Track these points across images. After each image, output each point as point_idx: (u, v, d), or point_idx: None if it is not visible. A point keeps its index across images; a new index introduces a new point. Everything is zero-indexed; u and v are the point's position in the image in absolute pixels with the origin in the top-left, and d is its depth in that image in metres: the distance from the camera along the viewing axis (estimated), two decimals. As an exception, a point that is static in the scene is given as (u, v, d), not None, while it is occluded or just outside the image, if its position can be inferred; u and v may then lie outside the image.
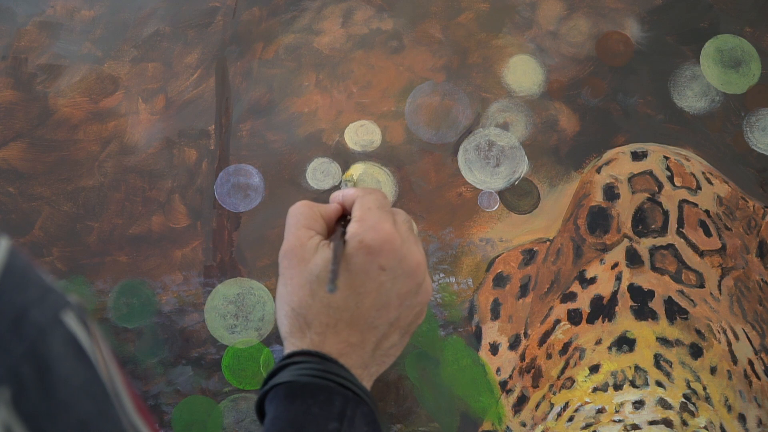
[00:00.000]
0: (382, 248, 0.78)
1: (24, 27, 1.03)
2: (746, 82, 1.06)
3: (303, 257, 0.80)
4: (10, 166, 1.00)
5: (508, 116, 1.04)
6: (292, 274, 0.80)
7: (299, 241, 0.81)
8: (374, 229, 0.79)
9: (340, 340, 0.78)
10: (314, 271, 0.79)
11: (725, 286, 1.01)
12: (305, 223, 0.82)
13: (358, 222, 0.80)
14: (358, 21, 1.05)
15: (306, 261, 0.80)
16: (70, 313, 0.58)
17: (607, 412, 0.97)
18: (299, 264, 0.80)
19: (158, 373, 0.97)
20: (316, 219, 0.83)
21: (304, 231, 0.82)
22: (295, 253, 0.80)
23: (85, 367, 0.58)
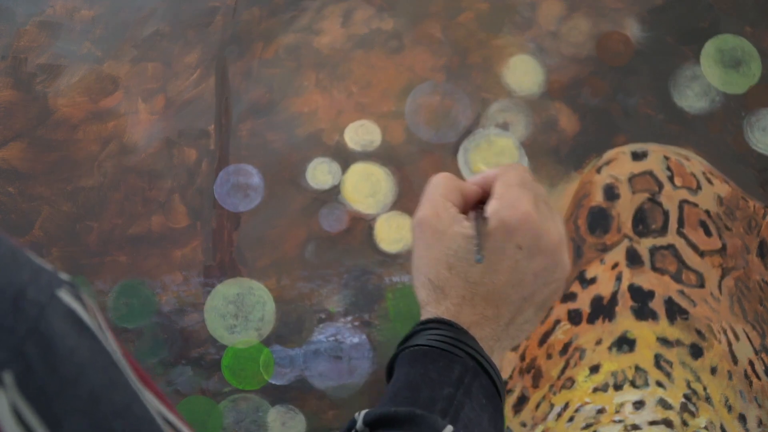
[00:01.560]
0: (520, 227, 0.80)
1: (24, 27, 1.03)
2: (746, 82, 1.06)
3: (438, 228, 0.82)
4: (10, 166, 1.00)
5: (508, 116, 1.04)
6: (427, 245, 0.82)
7: (435, 210, 0.82)
8: (513, 207, 0.81)
9: (475, 312, 0.79)
10: (452, 245, 0.80)
11: (725, 286, 1.01)
12: (443, 192, 0.83)
13: (498, 199, 0.82)
14: (358, 21, 1.05)
15: (441, 232, 0.81)
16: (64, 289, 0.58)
17: (607, 412, 0.97)
18: (434, 234, 0.81)
19: (158, 373, 0.97)
20: (454, 191, 0.84)
21: (441, 201, 0.83)
22: (430, 223, 0.82)
23: (89, 339, 0.58)
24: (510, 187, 0.82)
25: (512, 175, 0.83)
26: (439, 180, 0.85)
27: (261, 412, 0.97)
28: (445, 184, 0.84)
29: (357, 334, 0.98)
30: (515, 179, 0.83)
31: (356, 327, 0.99)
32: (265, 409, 0.97)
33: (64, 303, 0.57)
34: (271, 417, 0.97)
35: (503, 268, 0.80)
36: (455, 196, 0.84)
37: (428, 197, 0.84)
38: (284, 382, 0.97)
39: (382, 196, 1.01)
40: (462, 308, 0.79)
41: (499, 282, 0.80)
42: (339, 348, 0.98)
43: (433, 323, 0.79)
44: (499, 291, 0.80)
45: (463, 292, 0.79)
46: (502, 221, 0.80)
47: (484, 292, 0.79)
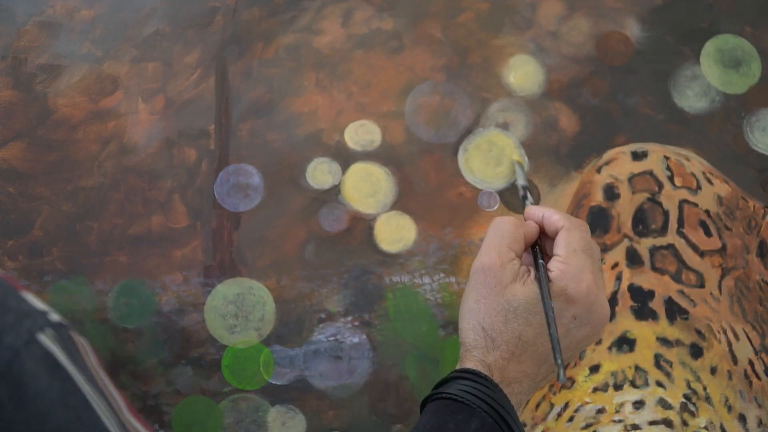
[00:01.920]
0: (580, 300, 0.83)
1: (24, 27, 1.03)
2: (746, 82, 1.06)
3: (500, 280, 0.83)
4: (10, 166, 1.00)
5: (508, 116, 1.04)
6: (487, 293, 0.83)
7: (500, 261, 0.84)
8: (577, 279, 0.83)
9: (520, 369, 0.82)
10: (513, 302, 0.82)
11: (725, 286, 1.01)
12: (508, 242, 0.85)
13: (562, 263, 0.83)
14: (358, 21, 1.05)
15: (503, 285, 0.83)
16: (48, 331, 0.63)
17: (607, 412, 0.97)
18: (496, 286, 0.83)
19: (158, 373, 0.97)
20: (519, 241, 0.85)
21: (506, 251, 0.84)
22: (493, 272, 0.83)
23: (61, 381, 0.63)
24: (575, 252, 0.84)
25: (577, 237, 0.85)
26: (505, 227, 0.86)
27: (261, 412, 0.97)
28: (510, 232, 0.85)
29: (357, 334, 0.98)
30: (580, 244, 0.85)
31: (356, 327, 0.99)
32: (265, 409, 0.97)
33: (43, 346, 0.62)
34: (271, 417, 0.97)
35: None
36: (518, 247, 0.85)
37: (493, 244, 0.85)
38: (284, 382, 0.97)
39: (382, 196, 1.01)
40: (509, 363, 0.82)
41: (547, 345, 0.82)
42: (339, 348, 0.98)
43: (470, 374, 0.81)
44: (546, 353, 0.83)
45: (513, 349, 0.82)
46: (564, 290, 0.82)
47: (532, 351, 0.82)
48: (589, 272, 0.84)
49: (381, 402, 0.97)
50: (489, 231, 0.86)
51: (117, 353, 0.97)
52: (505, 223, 0.86)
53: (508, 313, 0.82)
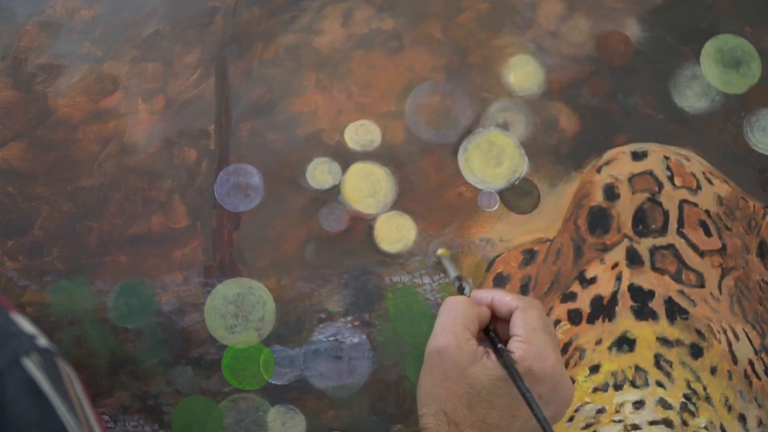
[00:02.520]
0: (545, 379, 0.81)
1: (24, 27, 1.03)
2: (746, 82, 1.06)
3: (459, 362, 0.82)
4: (10, 166, 1.00)
5: (508, 116, 1.04)
6: (447, 376, 0.82)
7: (456, 342, 0.82)
8: (542, 358, 0.82)
9: None
10: (475, 385, 0.81)
11: (725, 286, 1.01)
12: (463, 322, 0.83)
13: (524, 343, 0.82)
14: (358, 21, 1.05)
15: (462, 368, 0.81)
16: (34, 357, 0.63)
17: (607, 412, 0.97)
18: (455, 368, 0.81)
19: (158, 373, 0.97)
20: (473, 321, 0.84)
21: (461, 331, 0.83)
22: (450, 354, 0.82)
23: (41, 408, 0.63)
24: (535, 331, 0.83)
25: (535, 315, 0.84)
26: (459, 307, 0.84)
27: (261, 412, 0.97)
28: (464, 313, 0.84)
29: (357, 334, 0.98)
30: (539, 322, 0.84)
31: (356, 327, 0.99)
32: (265, 409, 0.97)
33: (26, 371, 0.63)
34: (271, 417, 0.97)
35: (520, 414, 0.81)
36: (474, 327, 0.84)
37: (447, 325, 0.83)
38: (284, 382, 0.97)
39: (382, 196, 1.01)
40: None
41: (514, 427, 0.81)
42: (339, 348, 0.98)
43: None
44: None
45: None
46: (529, 370, 0.81)
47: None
48: (552, 350, 0.82)
49: (381, 402, 0.97)
50: (441, 311, 0.84)
51: (117, 353, 0.97)
52: (458, 303, 0.85)
53: (471, 397, 0.81)
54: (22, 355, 0.63)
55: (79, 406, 0.65)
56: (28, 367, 0.63)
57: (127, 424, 0.96)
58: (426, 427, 0.82)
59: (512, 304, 0.84)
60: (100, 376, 0.96)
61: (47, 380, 0.63)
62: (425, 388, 0.83)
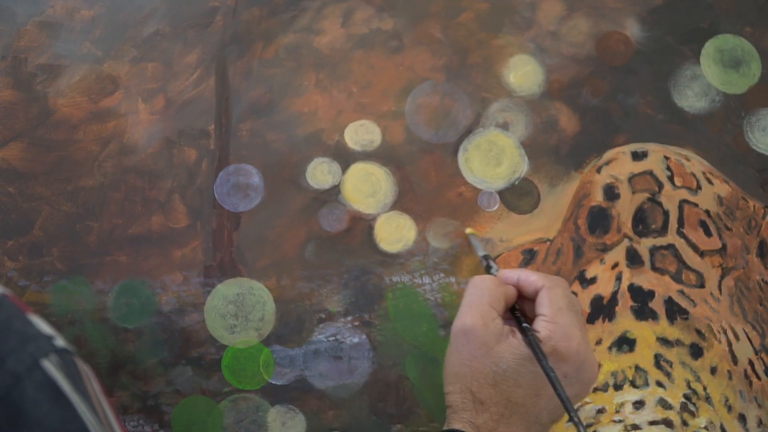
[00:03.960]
0: (571, 358, 0.81)
1: (24, 27, 1.03)
2: (746, 82, 1.06)
3: (485, 341, 0.82)
4: (10, 166, 1.00)
5: (508, 116, 1.04)
6: (473, 355, 0.82)
7: (483, 321, 0.82)
8: (567, 338, 0.82)
9: (509, 431, 0.81)
10: (500, 363, 0.81)
11: (725, 286, 1.01)
12: (490, 300, 0.83)
13: (550, 323, 0.82)
14: (358, 21, 1.05)
15: (488, 346, 0.81)
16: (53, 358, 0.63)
17: (607, 412, 0.97)
18: (481, 347, 0.81)
19: (158, 373, 0.97)
20: (499, 300, 0.84)
21: (488, 310, 0.83)
22: (476, 333, 0.82)
23: (62, 408, 0.62)
24: (560, 311, 0.83)
25: (560, 294, 0.84)
26: (485, 285, 0.84)
27: (261, 412, 0.97)
28: (491, 291, 0.84)
29: (357, 334, 0.98)
30: (564, 301, 0.84)
31: (356, 327, 0.99)
32: (265, 409, 0.97)
33: (46, 373, 0.62)
34: (271, 417, 0.97)
35: (545, 394, 0.81)
36: (500, 306, 0.84)
37: (474, 304, 0.83)
38: (284, 382, 0.97)
39: (382, 196, 1.01)
40: (499, 425, 0.81)
41: (538, 405, 0.81)
42: (339, 348, 0.98)
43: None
44: (536, 413, 0.82)
45: (503, 410, 0.81)
46: (555, 350, 0.81)
47: (522, 413, 0.81)
48: (578, 329, 0.82)
49: (381, 402, 0.97)
50: (468, 290, 0.84)
51: (117, 353, 0.97)
52: (485, 281, 0.85)
53: (496, 375, 0.81)
54: (41, 357, 0.62)
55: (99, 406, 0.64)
56: (47, 369, 0.62)
57: (127, 424, 0.96)
58: (452, 404, 0.83)
59: (538, 284, 0.84)
60: (100, 376, 0.96)
61: (67, 381, 0.63)
62: (451, 367, 0.83)
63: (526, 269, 0.88)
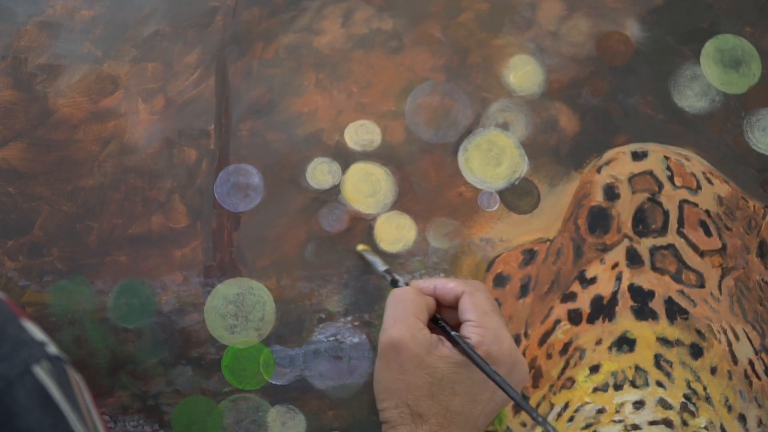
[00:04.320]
0: (504, 361, 0.81)
1: (24, 27, 1.03)
2: (746, 82, 1.06)
3: (416, 352, 0.81)
4: (10, 166, 1.00)
5: (508, 116, 1.04)
6: (405, 369, 0.81)
7: (410, 333, 0.82)
8: (498, 341, 0.82)
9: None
10: (435, 374, 0.81)
11: (725, 286, 1.01)
12: (414, 312, 0.83)
13: (479, 327, 0.82)
14: (358, 21, 1.05)
15: (420, 358, 0.81)
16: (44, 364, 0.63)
17: (607, 412, 0.97)
18: (413, 359, 0.81)
19: (158, 373, 0.97)
20: (423, 310, 0.84)
21: (413, 321, 0.82)
22: (406, 345, 0.81)
23: (52, 416, 0.62)
24: (486, 314, 0.83)
25: (483, 298, 0.84)
26: (406, 297, 0.84)
27: (261, 412, 0.97)
28: (413, 302, 0.83)
29: (357, 334, 0.98)
30: (488, 305, 0.84)
31: (356, 327, 0.99)
32: (265, 409, 0.97)
33: (38, 379, 0.61)
34: (271, 417, 0.97)
35: (483, 398, 0.81)
36: (424, 316, 0.84)
37: (398, 317, 0.83)
38: (284, 382, 0.97)
39: (382, 196, 1.01)
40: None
41: (475, 411, 0.81)
42: (339, 348, 0.98)
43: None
44: (473, 420, 0.81)
45: (442, 420, 0.81)
46: (488, 354, 0.81)
47: (461, 420, 0.81)
48: (506, 331, 0.83)
49: (381, 402, 0.97)
50: (388, 304, 0.84)
51: (117, 353, 0.97)
52: (405, 293, 0.84)
53: (432, 386, 0.80)
54: (33, 363, 0.62)
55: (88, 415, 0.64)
56: (39, 376, 0.62)
57: (127, 424, 0.96)
58: (388, 420, 0.82)
59: (457, 290, 0.84)
60: (100, 376, 0.96)
61: (58, 388, 0.62)
62: (383, 383, 0.82)
63: (440, 278, 0.88)
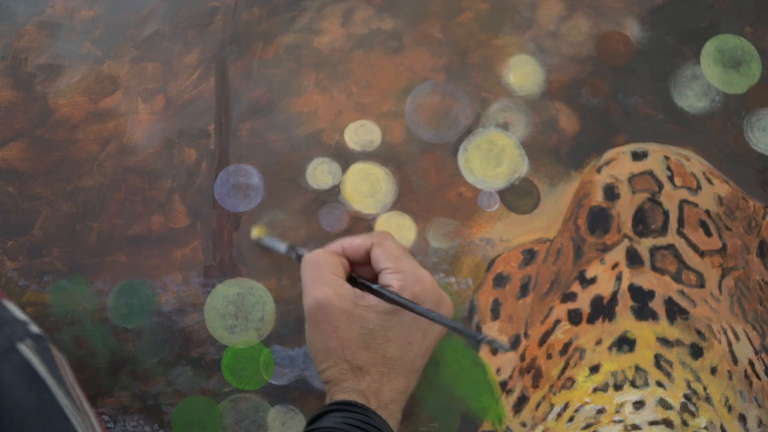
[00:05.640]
0: (428, 298, 0.82)
1: (24, 27, 1.03)
2: (746, 82, 1.06)
3: (344, 308, 0.82)
4: (10, 166, 1.00)
5: (508, 116, 1.04)
6: (335, 326, 0.82)
7: (333, 290, 0.82)
8: (419, 280, 0.83)
9: (392, 388, 0.82)
10: (366, 325, 0.81)
11: (725, 286, 1.01)
12: (330, 270, 0.84)
13: (397, 273, 0.83)
14: (358, 21, 1.05)
15: (349, 312, 0.82)
16: (28, 342, 0.63)
17: (607, 412, 0.97)
18: (341, 315, 0.82)
19: (158, 373, 0.97)
20: (339, 267, 0.84)
21: (333, 278, 0.83)
22: (332, 303, 0.82)
23: (38, 391, 0.62)
24: (400, 259, 0.84)
25: (392, 245, 0.85)
26: (319, 258, 0.85)
27: (261, 412, 0.97)
28: (327, 261, 0.84)
29: (357, 334, 0.98)
30: (399, 250, 0.85)
31: (356, 327, 0.98)
32: (265, 409, 0.97)
33: (22, 355, 0.62)
34: (271, 417, 0.97)
35: (415, 340, 0.82)
36: (341, 272, 0.84)
37: (316, 278, 0.83)
38: (284, 382, 0.97)
39: (382, 196, 1.01)
40: (382, 385, 0.82)
41: (411, 353, 0.81)
42: (339, 348, 0.98)
43: (344, 405, 0.80)
44: (411, 361, 0.83)
45: (381, 369, 0.82)
46: (413, 295, 0.82)
47: (399, 366, 0.82)
48: (423, 270, 0.84)
49: (381, 402, 0.97)
50: (303, 269, 0.85)
51: (117, 353, 0.97)
52: (317, 255, 0.85)
53: (366, 337, 0.81)
54: (17, 341, 0.63)
55: (74, 391, 0.65)
56: (24, 353, 0.62)
57: (127, 424, 0.96)
58: (330, 379, 0.82)
59: (366, 243, 0.85)
60: (100, 376, 0.96)
61: (43, 365, 0.63)
62: (318, 345, 0.83)
63: (346, 238, 0.89)
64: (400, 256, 0.84)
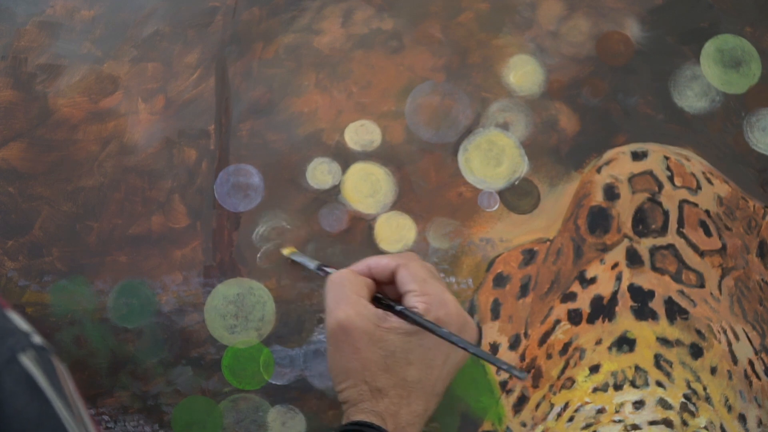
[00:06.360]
0: (452, 322, 0.82)
1: (24, 27, 1.03)
2: (746, 82, 1.06)
3: (366, 329, 0.82)
4: (10, 166, 1.00)
5: (508, 116, 1.04)
6: (357, 347, 0.82)
7: (355, 311, 0.82)
8: (444, 304, 0.82)
9: (410, 411, 0.82)
10: (387, 347, 0.81)
11: (725, 286, 1.01)
12: (354, 290, 0.83)
13: (422, 295, 0.83)
14: (358, 21, 1.05)
15: (370, 333, 0.81)
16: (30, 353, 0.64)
17: (607, 412, 0.97)
18: (363, 336, 0.81)
19: (158, 373, 0.97)
20: (363, 288, 0.84)
21: (356, 299, 0.83)
22: (354, 324, 0.82)
23: (39, 402, 0.63)
24: (426, 281, 0.83)
25: (418, 267, 0.85)
26: (344, 278, 0.84)
27: (261, 412, 0.97)
28: (351, 282, 0.84)
29: (357, 334, 0.98)
30: (425, 272, 0.85)
31: (356, 327, 0.98)
32: (265, 409, 0.97)
33: (24, 367, 0.62)
34: (271, 417, 0.97)
35: (437, 364, 0.82)
36: (365, 293, 0.84)
37: (340, 298, 0.83)
38: (284, 382, 0.97)
39: (382, 196, 1.01)
40: (400, 408, 0.81)
41: (432, 377, 0.81)
42: (339, 348, 0.98)
43: (362, 426, 0.80)
44: (431, 386, 0.82)
45: (401, 392, 0.81)
46: (437, 319, 0.81)
47: (419, 389, 0.81)
48: (449, 294, 0.83)
49: (381, 402, 0.97)
50: (328, 289, 0.84)
51: (117, 353, 0.97)
52: (341, 275, 0.85)
53: (386, 359, 0.81)
54: (19, 352, 0.63)
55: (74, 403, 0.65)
56: (25, 364, 0.63)
57: (127, 424, 0.96)
58: (348, 399, 0.82)
59: (391, 264, 0.85)
60: (100, 376, 0.96)
61: (44, 376, 0.63)
62: (338, 365, 0.83)
63: (372, 257, 0.88)
64: (426, 279, 0.84)
